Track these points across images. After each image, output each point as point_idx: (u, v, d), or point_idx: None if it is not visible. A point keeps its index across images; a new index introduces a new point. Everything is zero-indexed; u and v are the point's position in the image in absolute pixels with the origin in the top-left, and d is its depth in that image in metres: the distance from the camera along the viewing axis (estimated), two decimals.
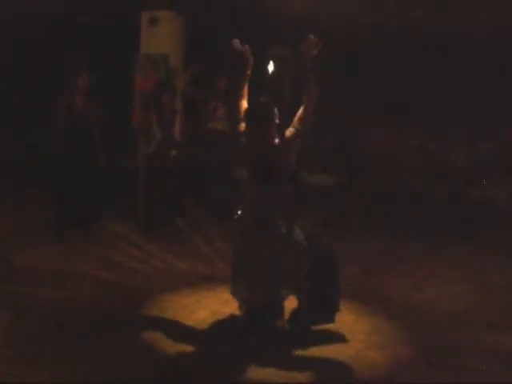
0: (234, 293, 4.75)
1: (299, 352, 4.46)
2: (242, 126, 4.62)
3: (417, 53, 9.46)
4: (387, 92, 9.74)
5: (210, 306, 5.28)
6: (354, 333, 4.86)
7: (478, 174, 9.96)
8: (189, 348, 4.45)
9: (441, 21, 8.65)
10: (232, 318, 4.90)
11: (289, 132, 4.50)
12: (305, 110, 4.46)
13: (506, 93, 9.16)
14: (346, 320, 5.08)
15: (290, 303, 4.74)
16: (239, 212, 4.66)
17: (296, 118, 4.49)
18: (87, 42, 9.29)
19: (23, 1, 9.44)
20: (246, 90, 4.76)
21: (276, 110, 4.54)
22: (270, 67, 9.74)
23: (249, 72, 4.72)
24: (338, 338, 4.74)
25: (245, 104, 4.70)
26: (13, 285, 5.38)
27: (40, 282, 5.60)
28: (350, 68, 9.73)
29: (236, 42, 4.69)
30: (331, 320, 4.74)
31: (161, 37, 8.72)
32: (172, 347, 4.46)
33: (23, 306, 4.98)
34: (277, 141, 4.50)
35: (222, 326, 4.86)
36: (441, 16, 8.59)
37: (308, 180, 4.99)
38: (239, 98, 4.74)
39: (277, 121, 4.51)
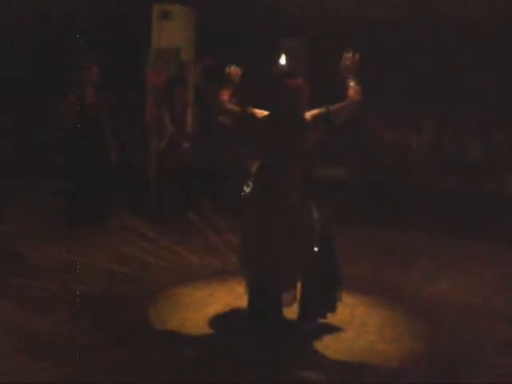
0: (241, 268, 4.73)
1: (311, 344, 4.44)
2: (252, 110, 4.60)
3: (429, 43, 9.37)
4: (400, 84, 9.67)
5: (223, 299, 5.28)
6: (367, 325, 4.85)
7: (492, 166, 9.88)
8: (202, 342, 4.45)
9: (453, 7, 8.57)
10: (243, 311, 4.89)
11: (317, 111, 4.50)
12: (344, 107, 4.49)
13: None
14: (359, 313, 5.08)
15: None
16: (247, 189, 4.63)
17: (333, 106, 4.49)
18: (98, 36, 9.28)
19: None
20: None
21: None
22: (282, 60, 9.71)
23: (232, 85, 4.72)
24: (350, 330, 4.73)
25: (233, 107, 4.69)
26: (24, 278, 5.39)
27: (51, 275, 5.60)
28: (361, 61, 9.67)
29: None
30: (333, 309, 4.70)
31: (172, 30, 8.70)
32: (185, 341, 4.46)
33: (35, 299, 4.99)
34: (306, 115, 4.51)
35: (235, 320, 4.84)
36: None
37: (321, 172, 4.96)
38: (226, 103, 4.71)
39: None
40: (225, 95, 4.64)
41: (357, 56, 4.55)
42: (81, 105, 7.15)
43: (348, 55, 4.56)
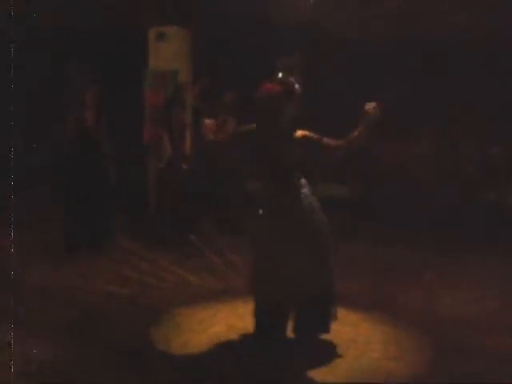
0: (252, 288, 4.71)
1: (314, 362, 4.42)
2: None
3: (429, 55, 9.43)
4: (398, 101, 9.70)
5: (225, 320, 5.25)
6: (371, 342, 4.81)
7: (491, 179, 9.87)
8: (206, 363, 4.42)
9: (455, 20, 8.62)
10: (248, 332, 4.86)
11: (309, 134, 4.49)
12: (337, 147, 4.48)
13: None
14: (363, 330, 5.05)
15: None
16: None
17: (327, 140, 4.47)
18: (95, 57, 9.33)
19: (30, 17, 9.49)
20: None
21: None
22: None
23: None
24: (354, 348, 4.69)
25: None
26: (22, 301, 5.32)
27: (50, 298, 5.58)
28: (359, 76, 9.71)
29: None
30: (327, 330, 4.68)
31: (169, 52, 8.76)
32: (188, 362, 4.43)
33: (34, 322, 4.97)
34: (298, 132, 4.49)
35: (238, 341, 4.81)
36: (456, 15, 8.58)
37: (323, 190, 5.01)
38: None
39: None
40: (208, 129, 4.68)
41: (379, 107, 4.46)
42: (80, 127, 7.17)
43: (371, 106, 4.46)
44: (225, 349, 4.67)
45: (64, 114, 7.33)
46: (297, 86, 4.59)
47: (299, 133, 4.50)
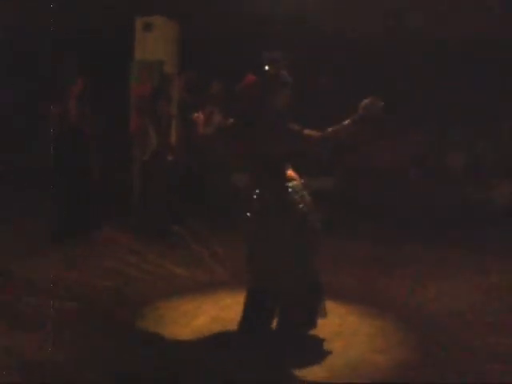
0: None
1: (300, 355, 4.39)
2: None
3: (413, 53, 9.44)
4: (384, 93, 9.70)
5: (210, 312, 5.22)
6: (358, 335, 4.81)
7: (476, 175, 9.93)
8: (190, 355, 4.38)
9: (437, 20, 8.64)
10: (232, 323, 4.83)
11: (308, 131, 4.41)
12: (324, 138, 4.34)
13: (505, 91, 9.14)
14: (349, 323, 5.04)
15: None
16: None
17: (312, 132, 4.39)
18: (81, 49, 9.24)
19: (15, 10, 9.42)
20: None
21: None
22: None
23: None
24: (340, 340, 4.68)
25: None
26: (9, 295, 5.30)
27: (37, 291, 5.50)
28: (344, 70, 9.72)
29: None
30: (314, 325, 4.66)
31: (155, 43, 8.69)
32: (173, 354, 4.40)
33: (20, 316, 4.90)
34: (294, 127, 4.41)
35: (223, 332, 4.78)
36: (437, 15, 8.59)
37: (308, 183, 4.99)
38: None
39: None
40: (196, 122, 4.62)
41: (376, 104, 4.26)
42: (65, 118, 7.10)
43: (370, 101, 4.26)
44: (208, 342, 4.63)
45: (50, 106, 7.26)
46: (285, 78, 4.54)
47: (296, 127, 4.44)
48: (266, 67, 4.57)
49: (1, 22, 9.45)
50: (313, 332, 4.66)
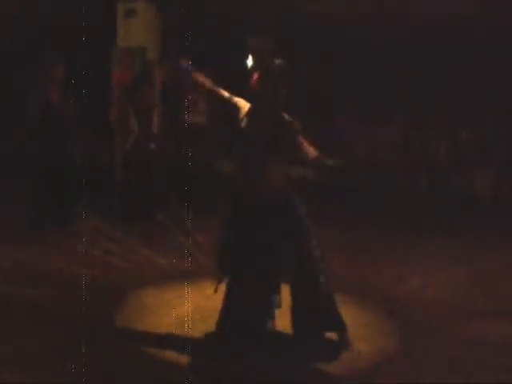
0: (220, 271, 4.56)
1: (285, 344, 4.36)
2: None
3: (396, 41, 9.38)
4: (367, 83, 9.66)
5: (192, 301, 5.12)
6: None
7: (459, 163, 9.94)
8: (172, 345, 4.33)
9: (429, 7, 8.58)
10: (215, 312, 4.76)
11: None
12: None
13: (487, 80, 9.14)
14: None
15: None
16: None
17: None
18: (62, 34, 9.11)
19: None
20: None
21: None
22: (249, 61, 9.61)
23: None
24: None
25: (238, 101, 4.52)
26: None
27: (16, 280, 5.43)
28: (326, 57, 9.64)
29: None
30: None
31: (137, 29, 8.58)
32: (154, 344, 4.34)
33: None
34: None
35: (205, 322, 4.70)
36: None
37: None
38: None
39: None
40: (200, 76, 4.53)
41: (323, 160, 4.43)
42: (45, 104, 6.98)
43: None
44: (191, 331, 4.55)
45: (30, 91, 7.13)
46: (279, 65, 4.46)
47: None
48: (250, 56, 4.51)
49: None
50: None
